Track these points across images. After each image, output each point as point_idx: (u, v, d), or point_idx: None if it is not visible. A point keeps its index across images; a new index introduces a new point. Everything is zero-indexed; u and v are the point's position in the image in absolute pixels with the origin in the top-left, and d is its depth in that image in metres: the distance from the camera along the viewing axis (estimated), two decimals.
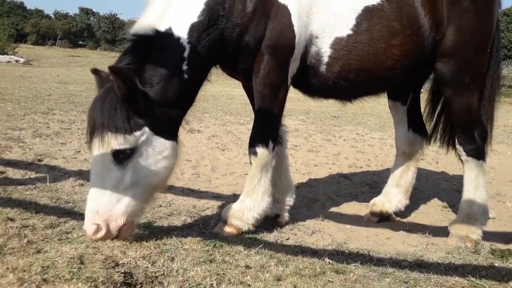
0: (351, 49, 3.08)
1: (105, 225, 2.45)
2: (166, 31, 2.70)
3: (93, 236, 2.43)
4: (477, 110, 3.35)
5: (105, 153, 2.46)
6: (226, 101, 11.36)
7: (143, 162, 2.56)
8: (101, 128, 2.43)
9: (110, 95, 2.47)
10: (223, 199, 3.91)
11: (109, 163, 2.49)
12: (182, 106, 2.80)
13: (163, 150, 2.64)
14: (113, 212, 2.48)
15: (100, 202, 2.47)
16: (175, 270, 2.22)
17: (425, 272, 2.58)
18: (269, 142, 3.04)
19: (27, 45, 41.60)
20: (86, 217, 2.48)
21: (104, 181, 2.49)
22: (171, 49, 2.69)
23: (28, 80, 12.02)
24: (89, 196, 2.52)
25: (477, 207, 3.32)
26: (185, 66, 2.73)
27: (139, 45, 2.65)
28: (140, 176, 2.55)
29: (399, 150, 3.92)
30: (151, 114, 2.57)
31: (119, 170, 2.50)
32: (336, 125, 8.91)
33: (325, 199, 4.25)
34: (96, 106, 2.50)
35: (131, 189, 2.53)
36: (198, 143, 6.17)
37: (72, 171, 4.26)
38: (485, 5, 3.27)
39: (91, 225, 2.44)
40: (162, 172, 2.65)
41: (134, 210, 2.56)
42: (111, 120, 2.43)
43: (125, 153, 2.49)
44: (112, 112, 2.44)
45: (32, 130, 5.73)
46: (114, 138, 2.43)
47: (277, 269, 2.41)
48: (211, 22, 2.77)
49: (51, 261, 2.06)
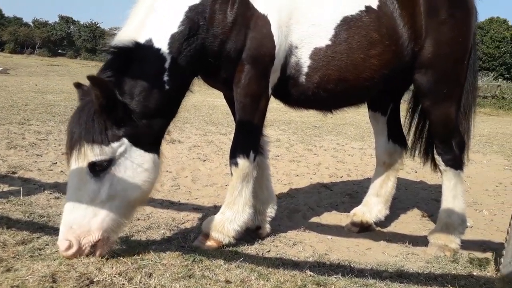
0: (330, 59, 3.09)
1: (77, 241, 2.36)
2: (146, 42, 2.67)
3: (64, 252, 2.35)
4: (455, 121, 3.40)
5: (81, 165, 2.40)
6: (208, 111, 11.32)
7: (121, 174, 2.49)
8: (78, 139, 2.39)
9: (87, 107, 2.44)
10: (203, 211, 3.85)
11: (85, 175, 2.42)
12: (164, 118, 2.75)
13: (143, 163, 2.57)
14: (87, 227, 2.40)
15: (75, 216, 2.39)
16: (152, 286, 2.16)
17: (406, 283, 2.58)
18: (250, 153, 3.02)
19: (4, 54, 40.77)
20: (60, 232, 2.40)
21: (80, 194, 2.41)
22: (151, 60, 2.66)
23: (4, 90, 11.74)
24: (64, 210, 2.44)
25: (455, 216, 3.36)
26: (166, 77, 2.69)
27: (119, 57, 2.61)
28: (117, 189, 2.48)
29: (379, 160, 3.94)
30: (131, 125, 2.52)
31: (96, 183, 2.43)
32: (317, 135, 8.96)
33: (306, 209, 4.24)
34: (74, 118, 2.46)
35: (107, 202, 2.45)
36: (178, 153, 6.10)
37: (48, 183, 4.13)
38: (462, 18, 3.33)
39: (63, 241, 2.36)
40: (141, 185, 2.57)
41: (111, 225, 2.47)
42: (88, 131, 2.38)
43: (101, 165, 2.43)
44: (89, 123, 2.39)
45: (7, 141, 5.57)
46: (90, 149, 2.38)
47: (258, 283, 2.37)
48: (191, 32, 2.76)
49: (21, 280, 1.98)
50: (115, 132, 2.47)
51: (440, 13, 3.22)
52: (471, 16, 3.41)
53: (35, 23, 59.97)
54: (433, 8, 3.21)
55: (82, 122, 2.40)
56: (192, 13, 2.76)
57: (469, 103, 3.62)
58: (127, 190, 2.52)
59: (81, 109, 2.47)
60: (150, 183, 2.63)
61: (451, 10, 3.24)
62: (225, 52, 2.88)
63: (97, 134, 2.39)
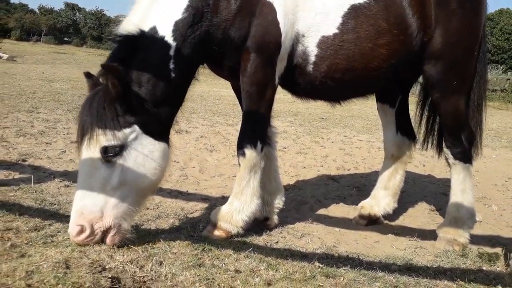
0: (338, 48, 3.06)
1: (90, 226, 2.37)
2: (151, 30, 2.67)
3: (76, 238, 2.35)
4: (464, 113, 3.37)
5: (93, 151, 2.41)
6: (214, 102, 11.31)
7: (131, 161, 2.50)
8: (90, 126, 2.40)
9: (98, 95, 2.44)
10: (211, 201, 3.87)
11: (97, 161, 2.42)
12: (171, 106, 2.76)
13: (153, 151, 2.58)
14: (99, 213, 2.41)
15: (86, 202, 2.40)
16: (163, 274, 2.18)
17: (415, 276, 2.59)
18: (257, 143, 3.01)
19: (10, 41, 40.74)
20: (71, 218, 2.41)
21: (91, 180, 2.42)
22: (156, 48, 2.66)
23: (11, 77, 11.77)
24: (75, 197, 2.44)
25: (464, 210, 3.35)
26: (171, 65, 2.70)
27: (125, 46, 2.61)
28: (128, 176, 2.49)
29: (388, 153, 3.93)
30: (141, 113, 2.53)
31: (107, 169, 2.44)
32: (324, 127, 8.93)
33: (314, 201, 4.24)
34: (85, 107, 2.46)
35: (118, 189, 2.46)
36: (186, 144, 6.11)
37: (57, 171, 4.16)
38: (473, 8, 3.29)
39: (75, 226, 2.36)
40: (151, 173, 2.58)
41: (122, 212, 2.48)
42: (100, 117, 2.40)
43: (113, 150, 2.43)
44: (101, 110, 2.40)
45: (16, 129, 5.60)
46: (102, 134, 2.40)
47: (267, 273, 2.39)
48: (195, 19, 2.74)
49: (36, 266, 2.00)
50: (126, 119, 2.49)
51: (450, 3, 3.17)
52: (481, 7, 3.36)
53: (40, 10, 59.91)
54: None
55: (94, 109, 2.41)
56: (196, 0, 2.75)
57: (481, 96, 3.59)
58: (138, 177, 2.53)
59: (92, 97, 2.47)
60: (160, 171, 2.64)
61: (461, 0, 3.19)
62: (229, 40, 2.86)
63: (109, 120, 2.41)
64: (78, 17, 59.41)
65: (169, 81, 2.68)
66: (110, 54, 2.70)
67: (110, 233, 2.44)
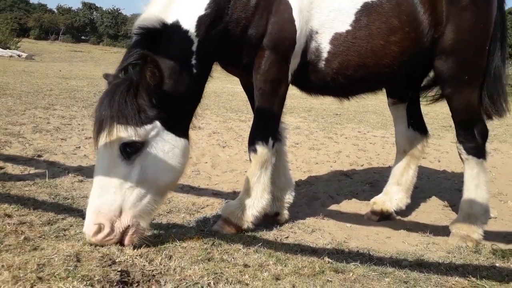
0: (350, 45, 3.06)
1: (109, 224, 2.29)
2: (174, 24, 2.62)
3: (94, 237, 2.27)
4: (477, 108, 3.34)
5: (112, 147, 2.32)
6: (228, 98, 11.33)
7: (152, 158, 2.42)
8: (109, 121, 2.30)
9: (119, 89, 2.34)
10: (223, 196, 3.89)
11: (116, 158, 2.35)
12: (192, 102, 2.73)
13: (174, 148, 2.51)
14: (117, 211, 2.33)
15: (104, 201, 2.32)
16: (172, 268, 2.20)
17: (425, 272, 2.55)
18: (269, 139, 3.02)
19: (29, 40, 41.55)
20: (87, 217, 2.32)
21: (109, 178, 2.34)
22: (180, 43, 2.62)
23: (29, 75, 12.01)
24: (91, 195, 2.36)
25: (478, 206, 3.29)
26: (194, 60, 2.66)
27: (147, 39, 2.52)
28: (148, 173, 2.40)
29: (400, 148, 3.90)
30: (163, 108, 2.44)
31: (126, 166, 2.36)
32: (338, 123, 8.87)
33: (326, 197, 4.22)
34: (104, 101, 2.36)
35: (138, 187, 2.38)
36: (198, 139, 6.14)
37: (72, 167, 4.24)
38: (484, 3, 3.27)
39: (92, 226, 2.28)
40: (171, 170, 2.51)
41: (141, 210, 2.40)
42: (121, 112, 2.30)
43: (134, 147, 2.35)
44: (122, 104, 2.30)
45: (32, 126, 5.72)
46: (123, 130, 2.30)
47: (276, 268, 2.39)
48: (217, 15, 2.73)
49: (47, 259, 2.04)
50: (148, 114, 2.39)
51: None
52: (492, 3, 3.33)
53: (59, 10, 60.90)
54: None
55: (115, 103, 2.30)
56: None
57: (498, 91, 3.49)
58: (158, 175, 2.45)
59: (112, 91, 2.36)
60: (180, 168, 2.57)
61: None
62: (247, 37, 2.87)
63: (131, 115, 2.32)
64: (95, 16, 60.19)
65: (190, 77, 2.64)
66: (130, 46, 2.60)
67: (129, 232, 2.37)
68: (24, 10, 55.98)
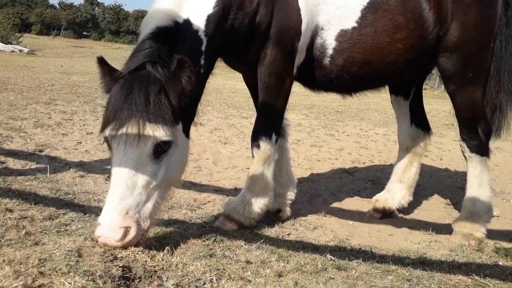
0: (356, 42, 3.05)
1: (136, 226, 2.21)
2: (185, 22, 2.57)
3: (121, 241, 2.15)
4: (480, 106, 3.32)
5: (144, 146, 2.23)
6: (229, 95, 11.31)
7: (174, 157, 2.40)
8: (143, 120, 2.20)
9: (151, 88, 2.24)
10: (224, 192, 3.88)
11: (146, 156, 2.26)
12: (196, 101, 2.69)
13: (185, 147, 2.53)
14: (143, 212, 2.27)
15: (130, 201, 2.22)
16: (174, 264, 2.18)
17: (428, 270, 2.54)
18: (272, 135, 3.00)
19: (31, 35, 41.45)
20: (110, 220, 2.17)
21: (136, 178, 2.25)
22: (190, 43, 2.57)
23: (31, 70, 11.98)
24: (113, 194, 2.23)
25: (481, 205, 3.28)
26: (202, 60, 2.64)
27: (161, 36, 2.44)
28: (169, 172, 2.39)
29: (402, 146, 3.88)
30: (186, 109, 2.43)
31: (155, 166, 2.30)
32: (340, 120, 8.84)
33: (328, 194, 4.21)
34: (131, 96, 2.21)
35: (159, 186, 2.35)
36: (200, 136, 6.13)
37: (73, 162, 4.23)
38: (489, 1, 3.25)
39: (118, 230, 2.16)
40: (182, 169, 2.55)
41: (156, 209, 2.38)
42: (157, 111, 2.23)
43: (166, 146, 2.30)
44: (157, 104, 2.23)
45: (34, 120, 5.70)
46: (159, 129, 2.24)
47: (278, 264, 2.38)
48: (224, 13, 2.70)
49: (49, 254, 2.02)
50: (177, 114, 2.35)
51: None
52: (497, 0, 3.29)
53: (61, 5, 60.73)
54: None
55: (149, 103, 2.21)
56: None
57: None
58: (173, 173, 2.45)
59: (144, 89, 2.23)
60: (185, 166, 2.61)
61: None
62: (253, 31, 2.85)
63: (168, 115, 2.26)
64: (97, 11, 59.98)
65: (199, 77, 2.60)
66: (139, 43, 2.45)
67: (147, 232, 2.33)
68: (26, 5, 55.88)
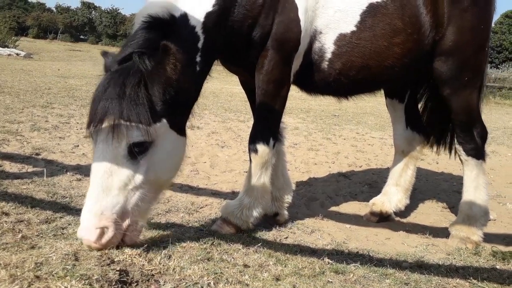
0: (354, 46, 3.05)
1: (112, 227, 2.17)
2: (182, 17, 2.53)
3: (97, 242, 2.13)
4: (476, 109, 3.35)
5: (118, 146, 2.17)
6: (227, 98, 11.31)
7: (157, 157, 2.31)
8: (117, 116, 2.12)
9: (129, 80, 2.16)
10: (222, 196, 3.87)
11: (121, 158, 2.21)
12: (192, 99, 2.65)
13: (176, 146, 2.44)
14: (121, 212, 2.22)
15: (106, 203, 2.18)
16: (171, 268, 2.17)
17: (426, 274, 2.54)
18: (270, 139, 3.00)
19: (28, 39, 41.41)
20: (85, 221, 2.15)
21: (112, 179, 2.20)
22: (187, 38, 2.53)
23: (28, 74, 11.96)
24: (89, 196, 2.20)
25: (477, 208, 3.29)
26: (198, 57, 2.60)
27: (154, 28, 2.38)
28: (152, 173, 2.31)
29: (398, 149, 3.90)
30: (169, 105, 2.32)
31: (132, 166, 2.23)
32: (336, 124, 8.86)
33: (325, 198, 4.21)
34: (108, 90, 2.15)
35: (141, 187, 2.28)
36: (197, 139, 6.12)
37: (70, 165, 4.21)
38: (484, 5, 3.30)
39: (94, 230, 2.13)
40: (172, 169, 2.47)
41: (142, 210, 2.33)
42: (132, 108, 2.14)
43: (142, 147, 2.22)
44: (134, 99, 2.14)
45: (31, 124, 5.68)
46: (134, 129, 2.16)
47: (276, 268, 2.37)
48: (225, 12, 2.69)
49: (45, 258, 2.01)
50: (157, 111, 2.27)
51: (463, 1, 3.17)
52: (492, 3, 3.36)
53: (58, 9, 60.72)
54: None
55: (124, 97, 2.13)
56: None
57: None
58: (160, 174, 2.37)
59: (119, 81, 2.17)
60: (178, 167, 2.53)
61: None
62: (252, 36, 2.84)
63: (143, 113, 2.16)
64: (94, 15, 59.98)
65: (194, 74, 2.59)
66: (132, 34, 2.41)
67: (128, 232, 2.27)
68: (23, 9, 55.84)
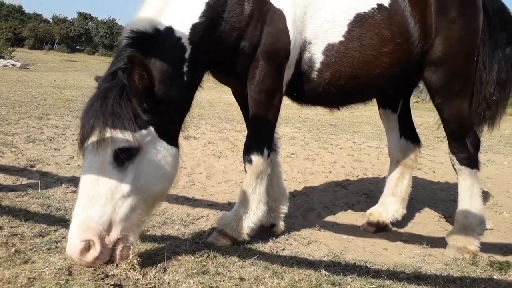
0: (343, 56, 3.08)
1: (98, 240, 2.12)
2: (167, 29, 2.58)
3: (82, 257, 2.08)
4: (468, 118, 3.36)
5: (103, 153, 2.18)
6: (223, 108, 11.33)
7: (145, 166, 2.31)
8: (101, 125, 2.16)
9: (112, 91, 2.23)
10: (218, 207, 3.85)
11: (108, 165, 2.21)
12: (182, 110, 2.68)
13: (166, 156, 2.43)
14: (107, 224, 2.17)
15: (91, 213, 2.14)
16: (166, 282, 2.16)
17: (424, 285, 2.53)
18: (264, 150, 3.00)
19: (24, 49, 41.44)
20: (72, 234, 2.11)
21: (99, 187, 2.19)
22: (172, 49, 2.58)
23: (24, 85, 11.94)
24: (76, 207, 2.18)
25: (473, 217, 3.29)
26: (185, 68, 2.62)
27: (138, 42, 2.45)
28: (140, 182, 2.30)
29: (393, 158, 3.91)
30: (156, 114, 2.36)
31: (118, 174, 2.23)
32: (333, 134, 8.87)
33: (321, 208, 4.19)
34: (93, 105, 2.23)
35: (129, 197, 2.26)
36: (193, 150, 6.11)
37: (65, 177, 4.18)
38: (472, 15, 3.32)
39: (78, 244, 2.08)
40: (163, 180, 2.43)
41: (132, 223, 2.28)
42: (116, 115, 2.18)
43: (128, 153, 2.22)
44: (116, 108, 2.19)
45: (26, 135, 5.66)
46: (117, 135, 2.18)
47: (272, 281, 2.35)
48: (212, 23, 2.72)
49: (38, 272, 1.99)
50: (143, 119, 2.30)
51: (450, 11, 3.21)
52: (479, 13, 3.37)
53: (54, 20, 60.89)
54: (444, 7, 3.20)
55: (107, 107, 2.18)
56: (213, 3, 2.71)
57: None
58: (150, 184, 2.35)
59: (104, 94, 2.25)
60: (172, 177, 2.50)
61: (461, 8, 3.23)
62: (241, 47, 2.85)
63: (127, 118, 2.20)
64: (91, 26, 60.21)
65: (181, 84, 2.60)
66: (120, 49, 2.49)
67: (118, 247, 2.23)
68: (19, 20, 55.97)
